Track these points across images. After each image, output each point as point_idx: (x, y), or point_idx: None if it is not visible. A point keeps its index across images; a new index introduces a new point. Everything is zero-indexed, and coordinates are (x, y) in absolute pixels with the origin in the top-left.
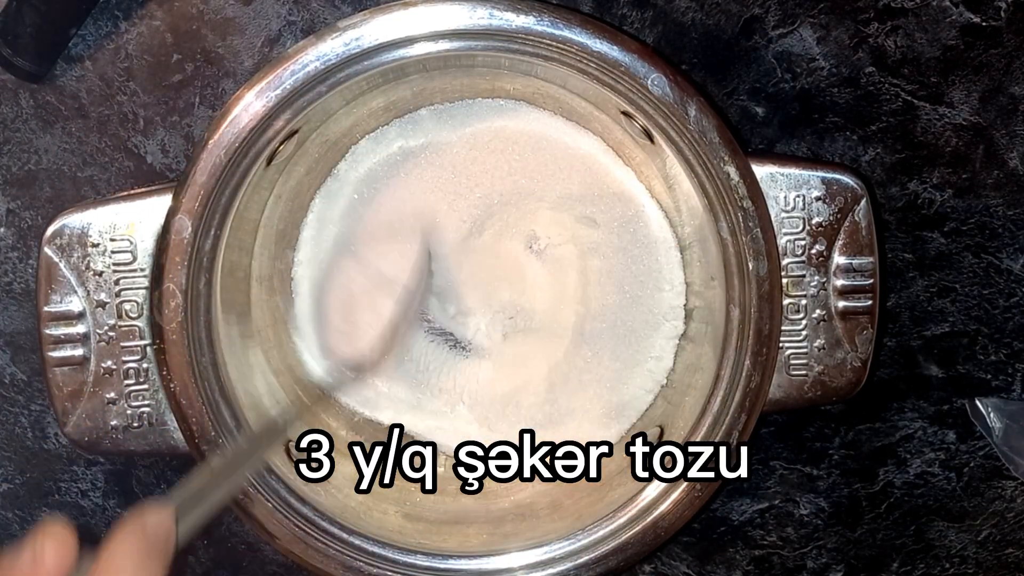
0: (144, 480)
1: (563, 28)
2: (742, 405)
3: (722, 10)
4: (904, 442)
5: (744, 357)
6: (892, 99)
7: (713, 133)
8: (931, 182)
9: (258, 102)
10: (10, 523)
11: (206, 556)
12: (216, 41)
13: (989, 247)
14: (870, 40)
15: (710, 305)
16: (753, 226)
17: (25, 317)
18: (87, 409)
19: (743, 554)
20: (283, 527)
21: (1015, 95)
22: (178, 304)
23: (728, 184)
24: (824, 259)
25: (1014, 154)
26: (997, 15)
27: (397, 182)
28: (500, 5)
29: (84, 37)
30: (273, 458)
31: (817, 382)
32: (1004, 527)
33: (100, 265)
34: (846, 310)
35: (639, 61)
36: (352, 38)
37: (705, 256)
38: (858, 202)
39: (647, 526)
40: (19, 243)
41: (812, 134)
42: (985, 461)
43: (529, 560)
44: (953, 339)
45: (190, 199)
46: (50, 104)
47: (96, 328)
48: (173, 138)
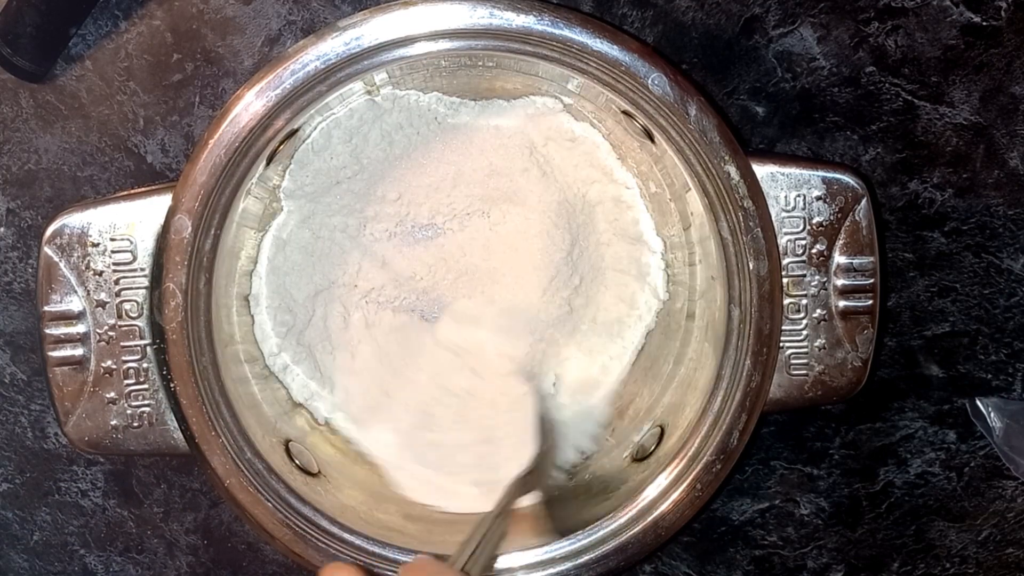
0: (144, 480)
1: (563, 28)
2: (742, 405)
3: (722, 9)
4: (904, 442)
5: (744, 357)
6: (892, 99)
7: (713, 132)
8: (931, 182)
9: (258, 102)
10: (10, 523)
11: (206, 556)
12: (216, 41)
13: (989, 247)
14: (870, 40)
15: (710, 305)
16: (753, 226)
17: (25, 317)
18: (87, 409)
19: (743, 554)
20: (283, 527)
21: (1015, 95)
22: (178, 304)
23: (728, 184)
24: (824, 259)
25: (1014, 154)
26: (997, 15)
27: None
28: (500, 5)
29: (84, 37)
30: (273, 458)
31: (817, 382)
32: (1004, 527)
33: (100, 265)
34: (846, 310)
35: (639, 60)
36: (352, 38)
37: (705, 256)
38: (858, 202)
39: (647, 526)
40: (19, 243)
41: (812, 134)
42: (985, 461)
43: (529, 560)
44: (953, 339)
45: (190, 199)
46: (50, 104)
47: (96, 328)
48: (173, 138)
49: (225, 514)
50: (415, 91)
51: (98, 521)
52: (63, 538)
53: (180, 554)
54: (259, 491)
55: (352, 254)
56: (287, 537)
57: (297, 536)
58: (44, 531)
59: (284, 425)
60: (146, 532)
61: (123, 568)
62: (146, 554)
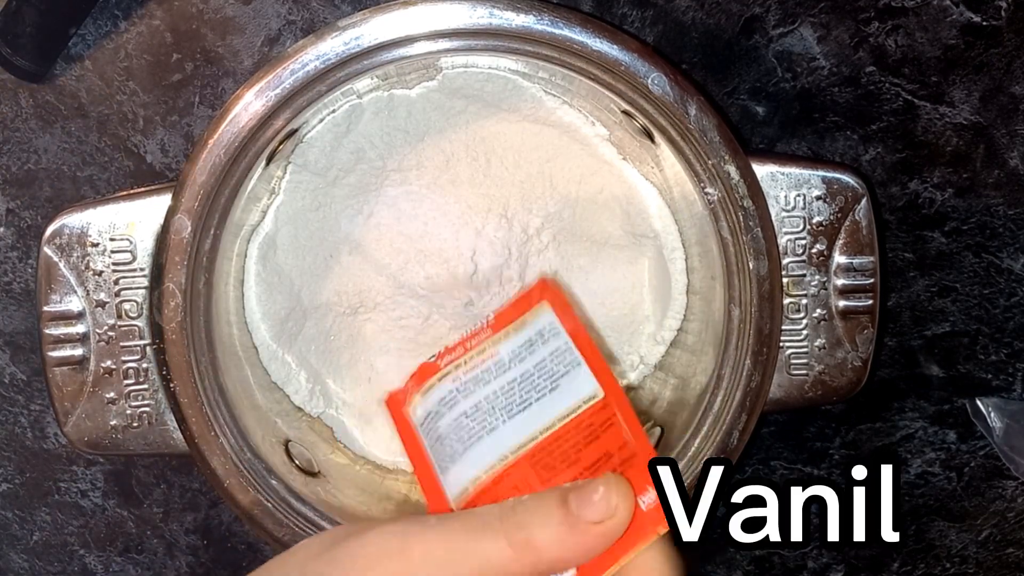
0: (144, 480)
1: (563, 27)
2: (742, 405)
3: (722, 9)
4: (905, 442)
5: (744, 357)
6: (893, 98)
7: (713, 132)
8: (932, 181)
9: (258, 101)
10: (10, 523)
11: (206, 556)
12: (216, 41)
13: (990, 247)
14: (871, 39)
15: (710, 305)
16: (753, 225)
17: (25, 317)
18: (87, 409)
19: (743, 554)
20: (283, 527)
21: (1015, 94)
22: (178, 304)
23: (728, 183)
24: (825, 258)
25: (1015, 153)
26: (997, 14)
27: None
28: (500, 4)
29: (84, 37)
30: (273, 458)
31: (818, 382)
32: (1005, 527)
33: (100, 265)
34: (847, 309)
35: (639, 60)
36: (352, 37)
37: (705, 255)
38: (859, 201)
39: None
40: (19, 243)
41: (812, 133)
42: (986, 461)
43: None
44: (954, 339)
45: (190, 199)
46: (50, 104)
47: (96, 328)
48: (173, 138)
49: (225, 514)
50: (415, 89)
51: (98, 521)
52: (63, 538)
53: (180, 554)
54: (259, 491)
55: (350, 255)
56: (287, 537)
57: (297, 536)
58: (44, 531)
59: (284, 425)
60: (146, 532)
61: (123, 568)
62: (146, 554)
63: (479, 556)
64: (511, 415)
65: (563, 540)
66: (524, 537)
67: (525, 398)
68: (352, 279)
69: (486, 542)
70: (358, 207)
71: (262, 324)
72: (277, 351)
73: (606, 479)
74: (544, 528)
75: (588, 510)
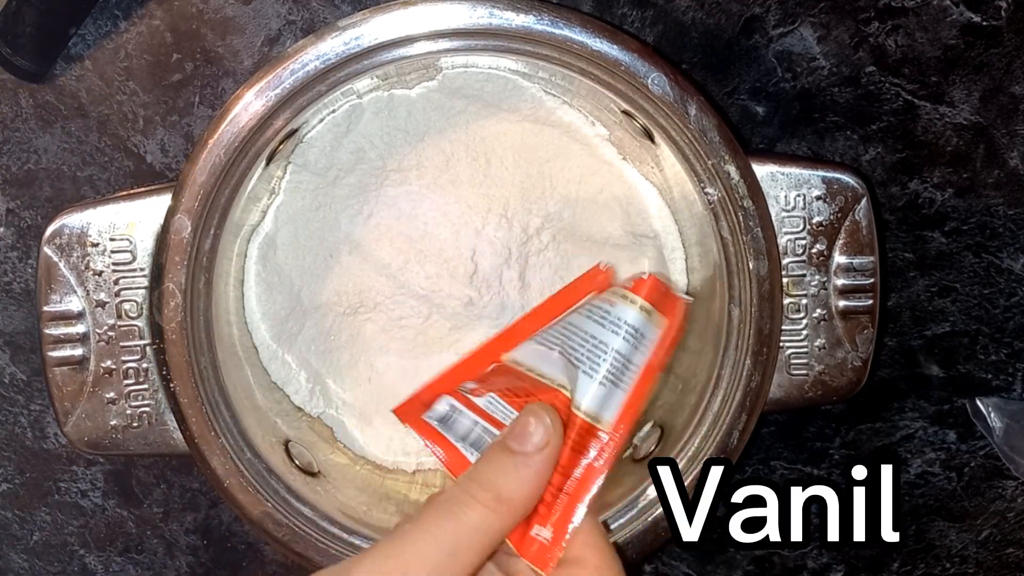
0: (144, 480)
1: (563, 27)
2: (742, 405)
3: (722, 9)
4: (905, 442)
5: (744, 357)
6: (893, 98)
7: (713, 132)
8: (932, 181)
9: (258, 101)
10: (10, 523)
11: (206, 556)
12: (216, 41)
13: (990, 247)
14: (871, 39)
15: (710, 305)
16: (753, 225)
17: (25, 317)
18: (87, 409)
19: (743, 554)
20: (283, 527)
21: (1015, 94)
22: (178, 304)
23: (728, 183)
24: (825, 258)
25: (1015, 153)
26: (997, 14)
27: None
28: (500, 4)
29: (84, 37)
30: (273, 458)
31: (817, 382)
32: (1005, 527)
33: (100, 265)
34: (847, 309)
35: (639, 60)
36: (352, 37)
37: (705, 256)
38: (858, 201)
39: (647, 526)
40: (19, 243)
41: (812, 133)
42: (986, 461)
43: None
44: (954, 339)
45: (190, 199)
46: (50, 104)
47: (96, 328)
48: (173, 138)
49: (225, 514)
50: (415, 89)
51: (98, 521)
52: (63, 538)
53: (180, 554)
54: (259, 491)
55: (350, 255)
56: (287, 537)
57: (297, 536)
58: (44, 531)
59: (284, 425)
60: (146, 532)
61: (123, 568)
62: (146, 554)
63: (464, 528)
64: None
65: (523, 479)
66: (492, 494)
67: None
68: (352, 279)
69: (463, 514)
70: (358, 207)
71: (262, 324)
72: (277, 351)
73: (527, 409)
74: (504, 476)
75: (529, 442)
